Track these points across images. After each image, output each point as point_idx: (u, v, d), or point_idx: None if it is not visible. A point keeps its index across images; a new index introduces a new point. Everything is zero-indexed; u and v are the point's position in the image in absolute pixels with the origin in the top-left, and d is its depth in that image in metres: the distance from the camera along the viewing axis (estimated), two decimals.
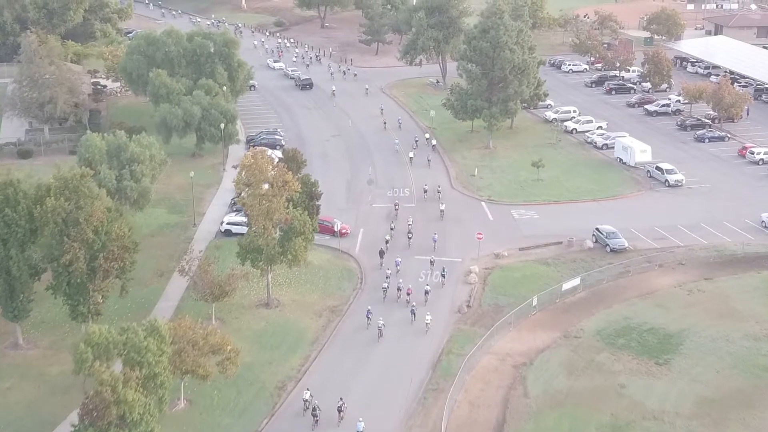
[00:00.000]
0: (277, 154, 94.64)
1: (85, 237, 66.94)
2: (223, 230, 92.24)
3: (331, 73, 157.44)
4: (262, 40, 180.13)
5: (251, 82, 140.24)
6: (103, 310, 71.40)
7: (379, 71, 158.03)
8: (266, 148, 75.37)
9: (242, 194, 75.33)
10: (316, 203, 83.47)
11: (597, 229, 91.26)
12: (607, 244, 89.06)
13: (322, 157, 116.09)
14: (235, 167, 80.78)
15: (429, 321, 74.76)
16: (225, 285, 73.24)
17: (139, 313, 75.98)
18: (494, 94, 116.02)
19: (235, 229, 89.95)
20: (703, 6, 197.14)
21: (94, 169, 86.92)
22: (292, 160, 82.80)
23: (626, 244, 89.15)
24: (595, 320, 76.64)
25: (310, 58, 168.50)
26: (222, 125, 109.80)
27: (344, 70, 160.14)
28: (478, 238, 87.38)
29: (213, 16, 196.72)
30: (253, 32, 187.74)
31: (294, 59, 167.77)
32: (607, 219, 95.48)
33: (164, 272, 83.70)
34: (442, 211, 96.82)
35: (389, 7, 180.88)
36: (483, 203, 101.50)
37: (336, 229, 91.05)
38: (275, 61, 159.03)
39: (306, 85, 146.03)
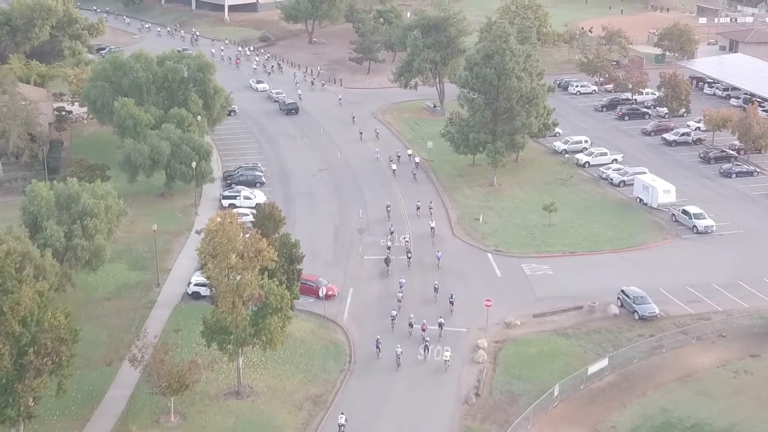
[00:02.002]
0: (248, 218, 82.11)
1: (10, 330, 54.62)
2: (190, 292, 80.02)
3: (296, 83, 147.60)
4: (222, 48, 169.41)
5: (231, 106, 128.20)
6: (36, 411, 58.99)
7: (371, 93, 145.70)
8: (236, 211, 63.35)
9: (207, 266, 62.88)
10: (298, 267, 71.10)
11: (623, 291, 79.15)
12: (635, 311, 76.97)
13: (308, 197, 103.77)
14: (199, 233, 68.43)
15: (448, 358, 69.34)
16: (185, 377, 60.94)
17: (85, 407, 63.83)
18: (499, 126, 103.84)
19: (203, 291, 77.65)
20: (715, 19, 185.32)
21: (39, 224, 75.30)
22: (269, 219, 70.52)
23: (657, 311, 77.09)
24: (629, 414, 64.49)
25: (272, 66, 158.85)
26: (194, 163, 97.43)
27: (312, 79, 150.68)
28: (487, 306, 75.20)
29: (194, 29, 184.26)
30: (213, 41, 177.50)
31: (254, 67, 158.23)
32: (631, 275, 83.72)
33: (119, 348, 71.28)
34: (432, 228, 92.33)
35: (382, 21, 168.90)
36: (489, 255, 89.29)
37: (321, 294, 78.65)
38: (258, 82, 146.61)
39: (291, 110, 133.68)
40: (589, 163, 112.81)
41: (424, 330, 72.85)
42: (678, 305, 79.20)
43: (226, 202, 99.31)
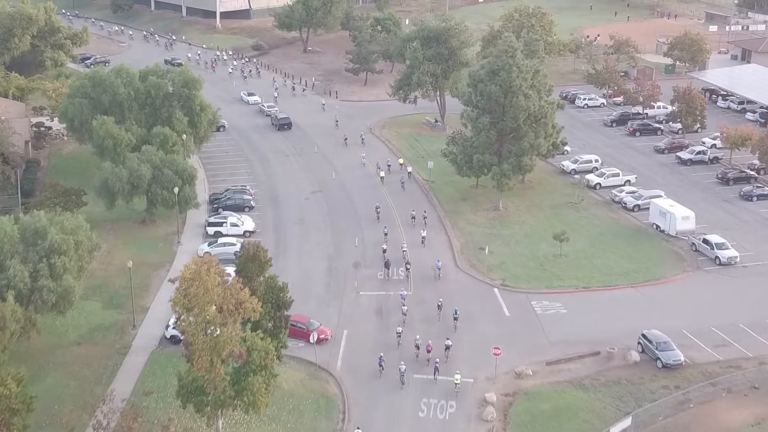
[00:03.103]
0: (236, 248, 74.82)
1: None
2: (168, 336, 72.81)
3: (276, 89, 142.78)
4: (198, 53, 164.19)
5: (221, 122, 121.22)
6: None
7: (368, 106, 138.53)
8: (213, 258, 56.23)
9: (181, 319, 55.74)
10: (286, 314, 64.01)
11: (644, 336, 72.03)
12: (658, 358, 69.84)
13: (300, 223, 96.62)
14: (172, 281, 61.25)
15: (458, 381, 65.92)
16: None
17: None
18: (505, 148, 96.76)
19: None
20: (727, 27, 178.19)
21: (2, 263, 68.19)
22: (253, 260, 63.24)
23: (681, 358, 69.98)
24: None
25: (249, 71, 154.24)
26: (176, 189, 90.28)
27: (293, 84, 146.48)
28: (495, 354, 68.09)
29: (184, 37, 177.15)
30: (190, 45, 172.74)
31: (230, 71, 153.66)
32: (651, 315, 76.81)
33: (86, 404, 64.10)
34: (423, 237, 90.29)
35: (379, 29, 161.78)
36: (496, 290, 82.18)
37: (312, 340, 71.40)
38: (249, 95, 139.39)
39: (284, 125, 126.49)
40: (600, 184, 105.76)
41: (429, 351, 69.83)
42: (704, 350, 72.12)
43: (211, 230, 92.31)
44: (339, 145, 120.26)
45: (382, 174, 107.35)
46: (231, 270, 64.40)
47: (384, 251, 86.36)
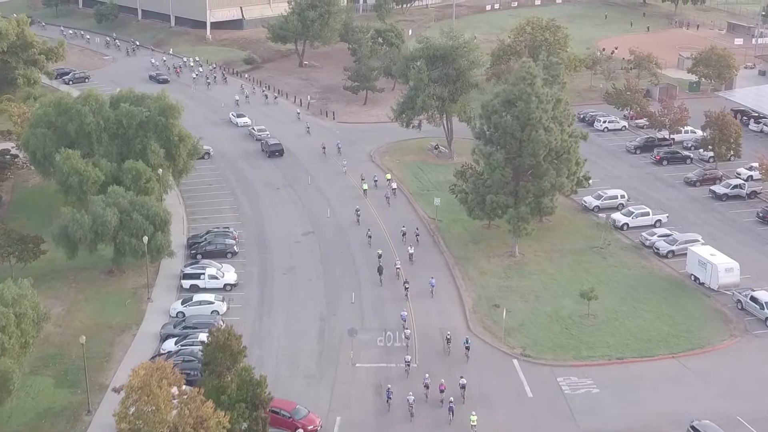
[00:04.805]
0: (214, 307, 63.54)
1: None
2: None
3: (246, 96, 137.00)
4: (164, 59, 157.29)
5: (205, 148, 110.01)
6: None
7: (367, 129, 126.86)
8: (167, 364, 44.91)
9: None
10: (263, 415, 52.46)
11: (693, 429, 60.39)
12: None
13: (288, 272, 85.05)
14: (117, 391, 49.64)
15: (475, 422, 60.36)
16: None
17: None
18: (522, 187, 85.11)
19: None
20: (753, 40, 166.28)
21: None
22: (223, 350, 51.76)
23: None
24: None
25: (214, 77, 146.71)
26: (145, 238, 78.70)
27: (265, 93, 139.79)
28: None
29: (171, 50, 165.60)
30: (153, 50, 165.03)
31: (194, 76, 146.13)
32: (698, 394, 65.91)
33: None
34: (411, 254, 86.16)
35: (381, 41, 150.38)
36: (515, 362, 70.57)
37: None
38: (239, 116, 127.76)
39: (275, 152, 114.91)
40: (627, 225, 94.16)
41: (442, 391, 64.29)
42: None
43: (187, 283, 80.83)
44: (335, 174, 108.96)
45: (365, 186, 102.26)
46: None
47: (379, 256, 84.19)
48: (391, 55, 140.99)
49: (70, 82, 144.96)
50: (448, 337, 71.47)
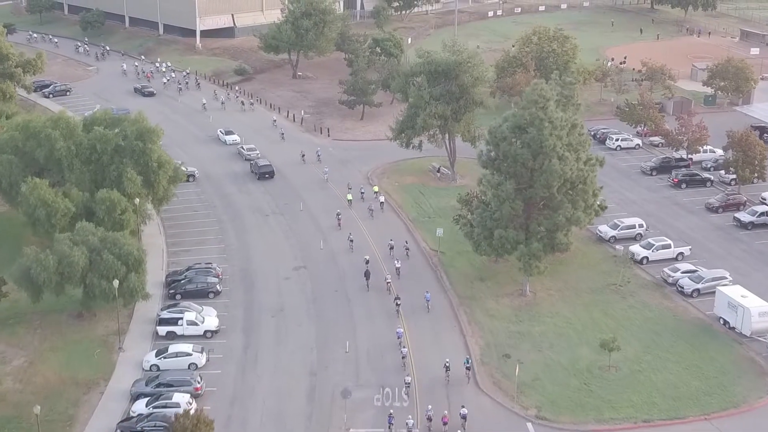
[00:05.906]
0: (192, 359, 56.30)
1: None
2: None
3: (222, 102, 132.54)
4: (136, 63, 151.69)
5: (190, 170, 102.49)
6: None
7: (364, 147, 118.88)
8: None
9: None
10: None
11: None
12: None
13: (276, 315, 77.22)
14: None
15: None
16: None
17: None
18: (534, 221, 77.27)
19: None
20: None
21: None
22: None
23: None
24: None
25: (186, 83, 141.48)
26: (116, 282, 70.84)
27: (242, 99, 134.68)
28: None
29: (159, 59, 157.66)
30: (122, 54, 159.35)
31: (165, 81, 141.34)
32: None
33: None
34: (397, 268, 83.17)
35: (379, 51, 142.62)
36: (529, 425, 62.85)
37: None
38: (227, 133, 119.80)
39: (265, 174, 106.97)
40: (647, 258, 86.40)
41: (445, 423, 61.69)
42: None
43: (163, 330, 73.05)
44: (329, 198, 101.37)
45: (350, 197, 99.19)
46: None
47: (366, 262, 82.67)
48: (389, 67, 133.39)
49: (51, 96, 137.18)
50: (447, 364, 67.37)
